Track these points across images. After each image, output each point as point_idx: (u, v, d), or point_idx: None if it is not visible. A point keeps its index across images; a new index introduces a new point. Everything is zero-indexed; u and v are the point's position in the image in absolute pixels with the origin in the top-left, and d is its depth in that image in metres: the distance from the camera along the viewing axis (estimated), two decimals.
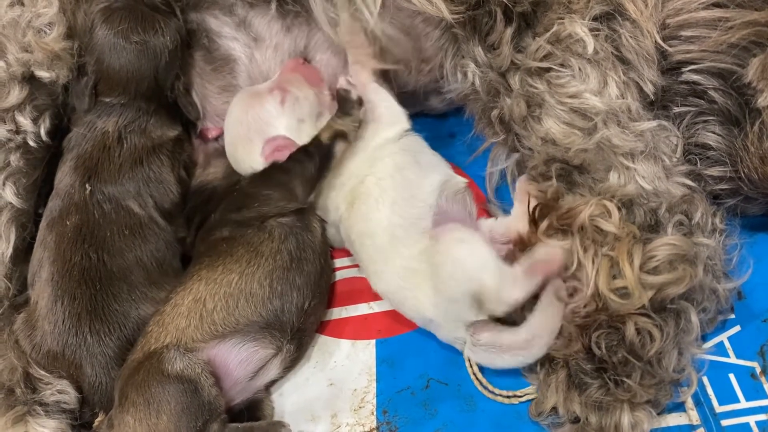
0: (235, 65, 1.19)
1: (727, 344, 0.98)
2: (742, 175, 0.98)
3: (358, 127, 1.05)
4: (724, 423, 0.92)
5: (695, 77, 0.99)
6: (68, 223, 1.03)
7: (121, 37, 1.08)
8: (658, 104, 1.02)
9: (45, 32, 1.08)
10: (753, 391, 0.94)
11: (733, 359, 0.97)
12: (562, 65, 0.98)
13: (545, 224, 0.96)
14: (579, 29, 0.97)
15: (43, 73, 1.08)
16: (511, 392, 0.97)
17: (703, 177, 1.00)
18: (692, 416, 0.93)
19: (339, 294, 1.12)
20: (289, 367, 1.04)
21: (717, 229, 0.98)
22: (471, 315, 0.93)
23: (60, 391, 0.98)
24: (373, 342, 1.07)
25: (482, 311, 0.93)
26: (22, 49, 1.06)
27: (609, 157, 0.97)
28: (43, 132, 1.09)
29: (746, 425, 0.92)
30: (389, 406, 1.00)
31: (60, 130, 1.14)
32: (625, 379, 0.88)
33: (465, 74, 1.04)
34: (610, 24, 0.99)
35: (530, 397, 0.97)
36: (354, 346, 1.07)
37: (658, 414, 0.93)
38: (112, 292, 1.00)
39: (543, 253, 0.93)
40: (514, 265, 0.93)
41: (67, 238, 1.02)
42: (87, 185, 1.05)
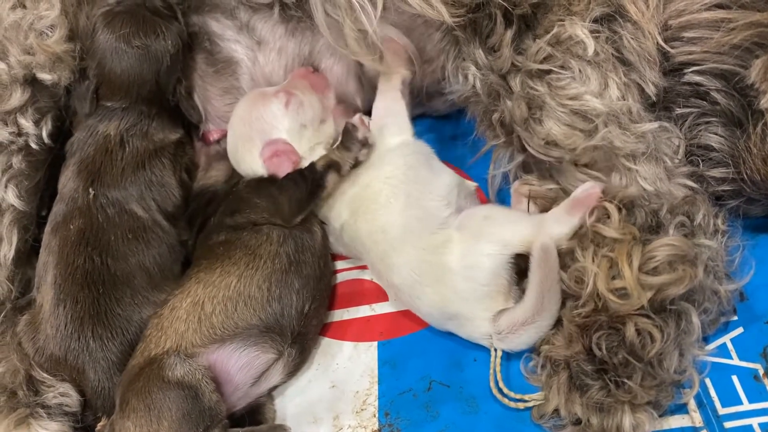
0: (238, 67, 1.20)
1: (730, 346, 0.98)
2: (745, 176, 0.98)
3: (354, 165, 1.05)
4: (727, 425, 0.92)
5: (697, 78, 0.99)
6: (72, 227, 1.03)
7: (122, 41, 1.08)
8: (660, 105, 1.02)
9: (47, 34, 1.08)
10: (756, 393, 0.94)
11: (736, 361, 0.97)
12: (562, 67, 0.98)
13: None
14: (579, 31, 0.97)
15: (45, 76, 1.08)
16: (520, 395, 0.97)
17: (705, 178, 1.00)
18: (695, 418, 0.93)
19: (341, 296, 1.12)
20: (293, 372, 1.04)
21: (719, 230, 0.98)
22: (500, 298, 0.95)
23: (62, 393, 0.98)
24: (375, 344, 1.07)
25: (510, 286, 0.96)
26: (24, 51, 1.07)
27: (610, 159, 0.97)
28: (45, 134, 1.10)
29: (749, 427, 0.92)
30: (391, 408, 1.00)
31: (62, 133, 1.14)
32: (625, 381, 0.89)
33: (466, 76, 1.04)
34: (611, 26, 0.99)
35: (538, 404, 0.96)
36: (356, 348, 1.07)
37: (661, 416, 0.92)
38: (115, 296, 1.00)
39: (580, 191, 0.96)
40: (553, 208, 0.97)
41: (70, 242, 1.02)
42: (90, 189, 1.05)
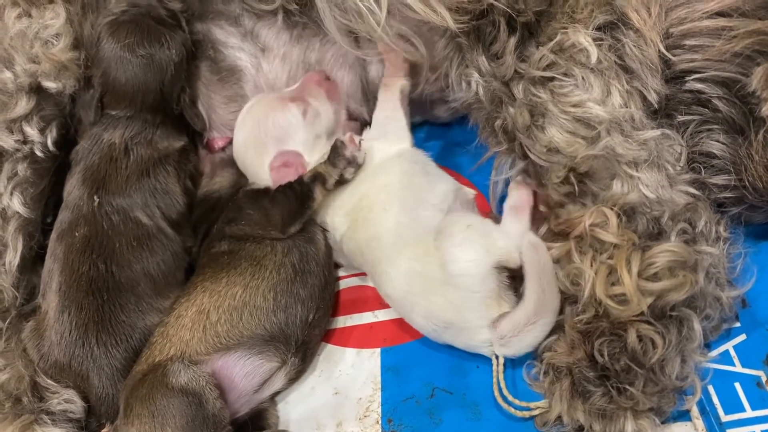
0: (242, 75, 1.20)
1: (733, 353, 0.98)
2: (747, 183, 0.98)
3: (339, 182, 1.06)
4: None
5: (699, 86, 1.00)
6: (77, 234, 1.04)
7: (127, 50, 1.09)
8: (662, 113, 1.02)
9: (52, 43, 1.09)
10: (759, 399, 0.94)
11: (739, 368, 0.97)
12: (565, 74, 0.98)
13: (543, 229, 0.98)
14: (582, 39, 0.97)
15: (50, 84, 1.08)
16: (524, 403, 0.97)
17: (707, 185, 1.00)
18: (698, 425, 0.93)
19: (344, 303, 1.12)
20: (294, 378, 1.04)
21: (721, 237, 0.98)
22: (494, 303, 0.95)
23: (67, 400, 0.98)
24: (378, 351, 1.07)
25: (502, 284, 0.96)
26: (29, 60, 1.07)
27: (613, 166, 0.97)
28: (50, 142, 1.10)
29: None
30: (394, 414, 1.00)
31: (67, 141, 1.15)
32: (627, 387, 0.89)
33: (469, 83, 1.04)
34: (614, 33, 0.99)
35: (542, 411, 0.96)
36: (359, 354, 1.07)
37: (664, 422, 0.93)
38: (119, 303, 1.01)
39: (514, 198, 1.02)
40: (502, 220, 1.02)
41: (75, 249, 1.03)
42: (95, 197, 1.05)
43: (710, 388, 0.95)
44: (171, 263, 1.06)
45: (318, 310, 1.03)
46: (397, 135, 1.10)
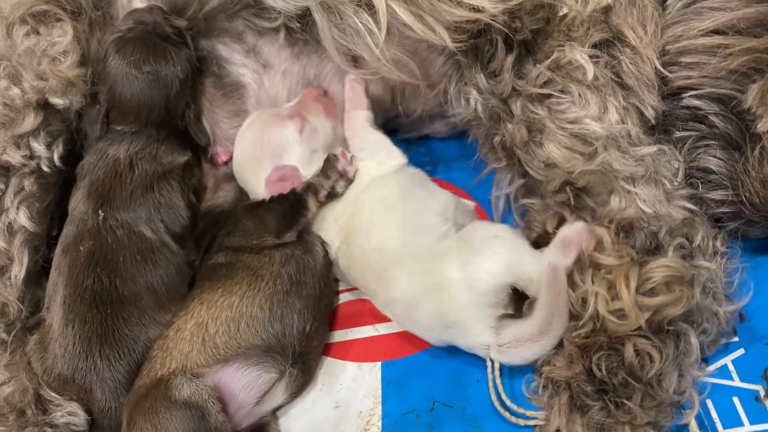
0: (245, 91, 1.21)
1: (731, 367, 0.98)
2: (744, 198, 0.98)
3: (330, 195, 1.07)
4: None
5: (696, 102, 1.01)
6: (82, 248, 1.04)
7: (133, 67, 1.10)
8: (659, 129, 1.03)
9: (60, 60, 1.10)
10: (757, 414, 0.94)
11: (737, 382, 0.97)
12: (562, 91, 0.99)
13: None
14: (579, 56, 0.98)
15: (58, 100, 1.10)
16: (522, 410, 0.97)
17: (704, 200, 1.01)
18: None
19: (345, 316, 1.13)
20: (297, 392, 1.04)
21: (718, 252, 0.99)
22: (500, 308, 0.95)
23: (70, 413, 0.99)
24: (379, 364, 1.07)
25: (510, 305, 0.95)
26: (37, 77, 1.09)
27: (610, 181, 0.98)
28: (56, 157, 1.11)
29: None
30: (395, 428, 1.00)
31: (73, 155, 1.16)
32: (625, 401, 0.89)
33: (467, 100, 1.06)
34: (610, 51, 1.01)
35: (539, 423, 0.96)
36: (360, 368, 1.07)
37: None
38: (123, 317, 1.01)
39: (567, 232, 0.96)
40: (545, 249, 0.96)
41: (80, 262, 1.03)
42: (100, 211, 1.06)
43: (708, 403, 0.95)
44: (174, 277, 1.07)
45: (314, 321, 1.03)
46: (388, 153, 1.11)
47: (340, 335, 1.11)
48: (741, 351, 1.00)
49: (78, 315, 1.00)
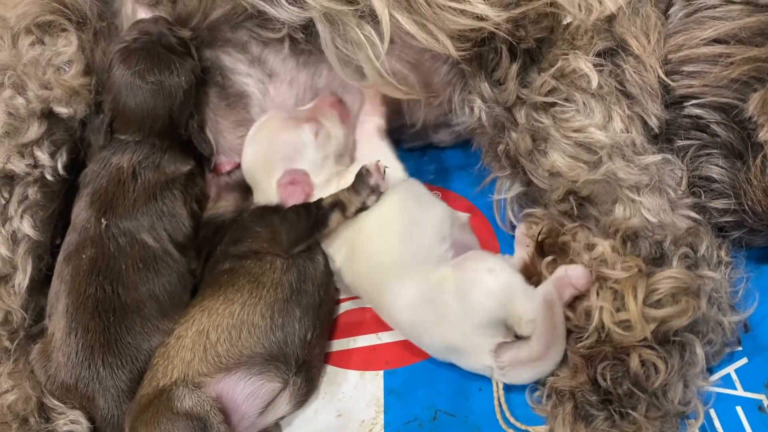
0: (249, 100, 1.21)
1: (735, 377, 0.98)
2: (746, 207, 0.98)
3: (360, 209, 1.06)
4: None
5: (698, 111, 1.01)
6: (84, 256, 1.05)
7: (137, 77, 1.10)
8: (662, 138, 1.03)
9: (64, 70, 1.11)
10: (760, 423, 0.94)
11: (741, 392, 0.97)
12: (566, 100, 0.99)
13: (549, 259, 0.98)
14: (583, 65, 0.99)
15: (62, 109, 1.10)
16: (525, 426, 0.97)
17: (707, 209, 1.01)
18: None
19: (347, 324, 1.13)
20: (301, 402, 1.03)
21: (722, 261, 0.99)
22: (498, 336, 0.95)
23: (73, 421, 0.99)
24: (381, 373, 1.07)
25: (509, 333, 0.95)
26: (42, 86, 1.09)
27: (614, 190, 0.98)
28: (60, 166, 1.11)
29: None
30: None
31: (76, 164, 1.16)
32: (630, 411, 0.89)
33: (472, 109, 1.06)
34: (614, 59, 1.01)
35: None
36: (362, 376, 1.07)
37: None
38: (125, 325, 1.01)
39: (563, 272, 0.95)
40: (539, 288, 0.95)
41: (82, 271, 1.04)
42: (102, 220, 1.06)
43: (712, 412, 0.95)
44: (177, 285, 1.07)
45: (315, 329, 1.03)
46: (392, 166, 1.10)
47: (342, 344, 1.11)
48: (744, 360, 0.99)
49: (80, 323, 1.00)
